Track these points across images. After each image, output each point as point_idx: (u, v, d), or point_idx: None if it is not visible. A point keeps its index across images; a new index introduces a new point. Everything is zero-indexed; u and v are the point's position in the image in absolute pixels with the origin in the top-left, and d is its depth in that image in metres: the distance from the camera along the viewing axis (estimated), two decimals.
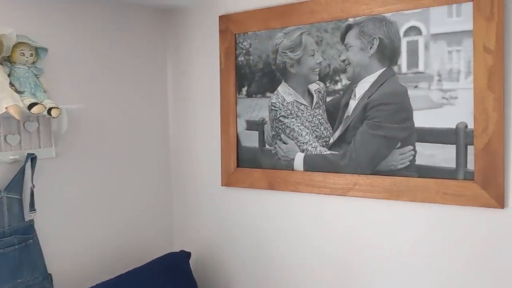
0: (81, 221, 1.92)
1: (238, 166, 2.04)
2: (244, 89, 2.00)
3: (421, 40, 1.58)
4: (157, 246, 2.20)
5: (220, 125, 2.07)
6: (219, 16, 2.03)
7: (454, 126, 1.54)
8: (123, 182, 2.08)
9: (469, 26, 1.48)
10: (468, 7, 1.48)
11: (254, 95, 1.98)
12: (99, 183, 1.99)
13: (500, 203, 1.47)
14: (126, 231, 2.09)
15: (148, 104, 2.18)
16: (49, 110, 1.62)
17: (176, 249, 2.20)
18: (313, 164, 1.83)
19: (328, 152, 1.79)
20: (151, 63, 2.19)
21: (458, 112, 1.53)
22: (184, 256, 2.01)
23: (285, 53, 1.87)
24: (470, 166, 1.52)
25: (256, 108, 1.98)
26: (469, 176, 1.52)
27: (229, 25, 2.01)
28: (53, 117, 1.64)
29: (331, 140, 1.79)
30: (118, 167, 2.06)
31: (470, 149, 1.51)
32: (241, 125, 2.02)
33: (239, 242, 2.07)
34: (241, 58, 2.00)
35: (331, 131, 1.79)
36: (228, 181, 2.07)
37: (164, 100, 2.25)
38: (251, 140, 2.00)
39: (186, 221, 2.26)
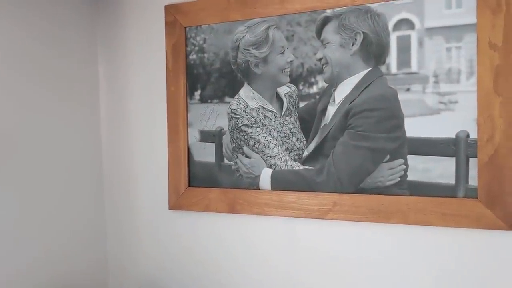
0: None
1: (189, 185, 1.70)
2: (197, 93, 1.68)
3: (414, 35, 1.36)
4: (87, 285, 1.79)
5: (167, 137, 1.73)
6: (165, 6, 1.70)
7: (453, 136, 1.32)
8: (43, 207, 1.66)
9: (471, 19, 1.28)
10: None
11: (209, 100, 1.66)
12: (13, 209, 1.56)
13: (508, 224, 1.27)
14: (48, 267, 1.67)
15: (73, 111, 1.77)
16: None
17: (111, 287, 1.81)
18: (283, 182, 1.54)
19: (302, 167, 1.51)
20: (79, 61, 1.79)
21: (458, 119, 1.31)
22: None
23: (248, 50, 1.57)
24: (473, 182, 1.30)
25: (212, 116, 1.66)
26: (471, 194, 1.31)
27: (177, 17, 1.68)
28: None
29: (305, 153, 1.51)
30: (36, 190, 1.64)
31: (473, 162, 1.30)
32: (194, 136, 1.69)
33: (191, 278, 1.72)
34: (193, 56, 1.67)
35: (305, 142, 1.52)
36: (177, 203, 1.72)
37: (94, 107, 1.86)
38: (206, 154, 1.67)
39: (124, 253, 1.87)
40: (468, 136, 1.31)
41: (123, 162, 1.85)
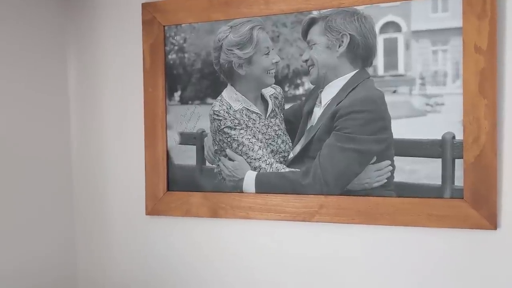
0: None
1: (168, 189, 1.64)
2: (177, 94, 1.62)
3: (400, 38, 1.37)
4: None
5: (144, 139, 1.66)
6: (142, 4, 1.63)
7: (439, 137, 1.34)
8: (4, 212, 1.54)
9: (457, 23, 1.31)
10: (456, 2, 1.30)
11: (190, 102, 1.61)
12: None
13: (493, 224, 1.30)
14: (10, 282, 1.56)
15: (40, 112, 1.66)
16: None
17: None
18: (267, 185, 1.52)
19: (287, 169, 1.49)
20: (46, 60, 1.69)
21: (445, 120, 1.33)
22: None
23: (231, 50, 1.53)
24: (458, 182, 1.33)
25: (192, 118, 1.60)
26: (457, 194, 1.33)
27: (156, 15, 1.62)
28: None
29: (291, 155, 1.49)
30: (1, 191, 1.52)
31: (459, 163, 1.32)
32: (173, 138, 1.63)
33: None
34: (172, 56, 1.62)
35: (290, 144, 1.50)
36: (154, 208, 1.65)
37: (64, 108, 1.76)
38: (186, 157, 1.62)
39: (95, 264, 1.77)
40: (454, 137, 1.33)
41: (94, 166, 1.76)
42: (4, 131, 1.53)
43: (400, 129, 1.37)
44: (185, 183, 1.62)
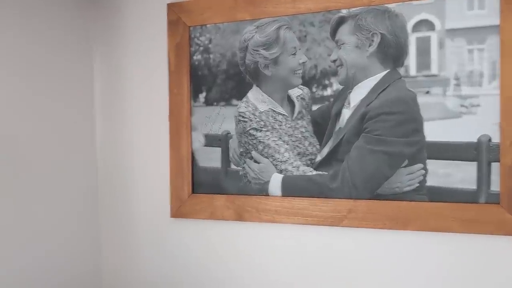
0: None
1: (193, 192, 1.62)
2: (202, 96, 1.60)
3: (434, 37, 1.32)
4: None
5: (169, 141, 1.64)
6: (168, 4, 1.62)
7: (475, 140, 1.28)
8: (33, 214, 1.54)
9: (495, 20, 1.25)
10: None
11: (215, 103, 1.59)
12: (7, 214, 1.44)
13: None
14: (36, 283, 1.56)
15: (67, 114, 1.66)
16: None
17: None
18: (294, 188, 1.48)
19: (314, 172, 1.46)
20: (72, 62, 1.68)
21: (480, 123, 1.28)
22: None
23: (257, 51, 1.50)
24: (495, 187, 1.27)
25: (218, 119, 1.58)
26: (493, 199, 1.27)
27: (181, 16, 1.60)
28: None
29: (318, 158, 1.46)
30: (26, 196, 1.52)
31: (495, 166, 1.27)
32: (198, 140, 1.61)
33: None
34: (197, 57, 1.60)
35: (318, 146, 1.46)
36: (179, 211, 1.63)
37: (89, 110, 1.75)
38: (211, 159, 1.59)
39: (120, 266, 1.76)
40: (490, 140, 1.27)
41: (119, 168, 1.75)
42: (31, 133, 1.52)
43: (433, 131, 1.32)
44: (210, 185, 1.60)
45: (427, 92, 1.33)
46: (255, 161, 1.53)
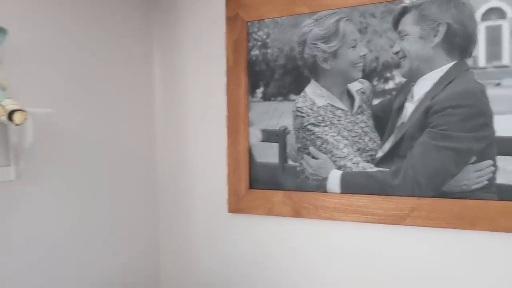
0: (47, 260, 1.43)
1: (251, 187, 1.61)
2: (259, 91, 1.60)
3: (505, 25, 1.24)
4: None
5: (226, 136, 1.65)
6: (226, 0, 1.62)
7: None
8: (96, 210, 1.59)
9: None
10: None
11: (272, 98, 1.57)
12: (71, 211, 1.50)
13: None
14: (99, 273, 1.61)
15: (127, 111, 1.70)
16: (10, 114, 1.14)
17: None
18: (353, 185, 1.44)
19: (375, 169, 1.41)
20: (133, 61, 1.72)
21: None
22: None
23: (315, 44, 1.48)
24: None
25: (275, 115, 1.57)
26: None
27: (239, 11, 1.60)
28: (16, 124, 1.16)
29: (379, 154, 1.41)
30: (89, 192, 1.57)
31: None
32: (255, 135, 1.60)
33: (251, 287, 1.64)
34: (255, 52, 1.59)
35: (379, 142, 1.41)
36: (237, 206, 1.64)
37: (150, 106, 1.79)
38: (268, 154, 1.58)
39: (178, 259, 1.79)
40: None
41: (179, 164, 1.78)
42: (92, 131, 1.58)
43: (504, 126, 1.24)
44: (267, 181, 1.59)
45: (498, 84, 1.25)
46: (313, 157, 1.50)
